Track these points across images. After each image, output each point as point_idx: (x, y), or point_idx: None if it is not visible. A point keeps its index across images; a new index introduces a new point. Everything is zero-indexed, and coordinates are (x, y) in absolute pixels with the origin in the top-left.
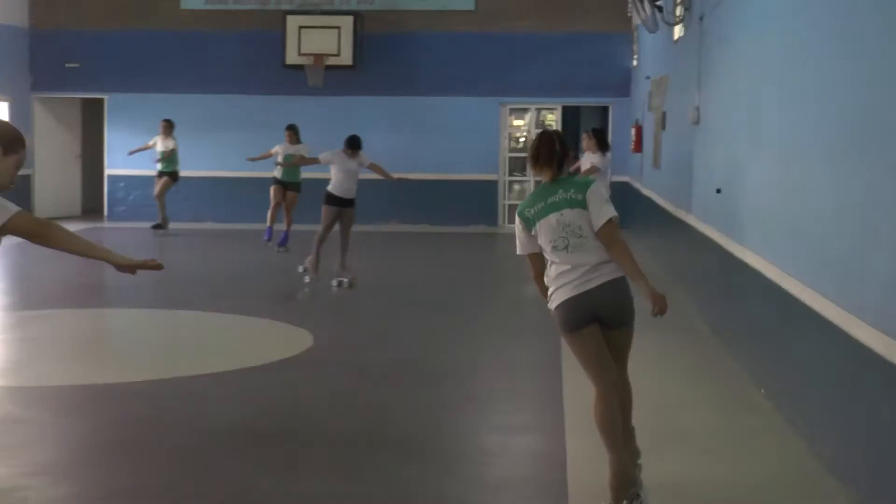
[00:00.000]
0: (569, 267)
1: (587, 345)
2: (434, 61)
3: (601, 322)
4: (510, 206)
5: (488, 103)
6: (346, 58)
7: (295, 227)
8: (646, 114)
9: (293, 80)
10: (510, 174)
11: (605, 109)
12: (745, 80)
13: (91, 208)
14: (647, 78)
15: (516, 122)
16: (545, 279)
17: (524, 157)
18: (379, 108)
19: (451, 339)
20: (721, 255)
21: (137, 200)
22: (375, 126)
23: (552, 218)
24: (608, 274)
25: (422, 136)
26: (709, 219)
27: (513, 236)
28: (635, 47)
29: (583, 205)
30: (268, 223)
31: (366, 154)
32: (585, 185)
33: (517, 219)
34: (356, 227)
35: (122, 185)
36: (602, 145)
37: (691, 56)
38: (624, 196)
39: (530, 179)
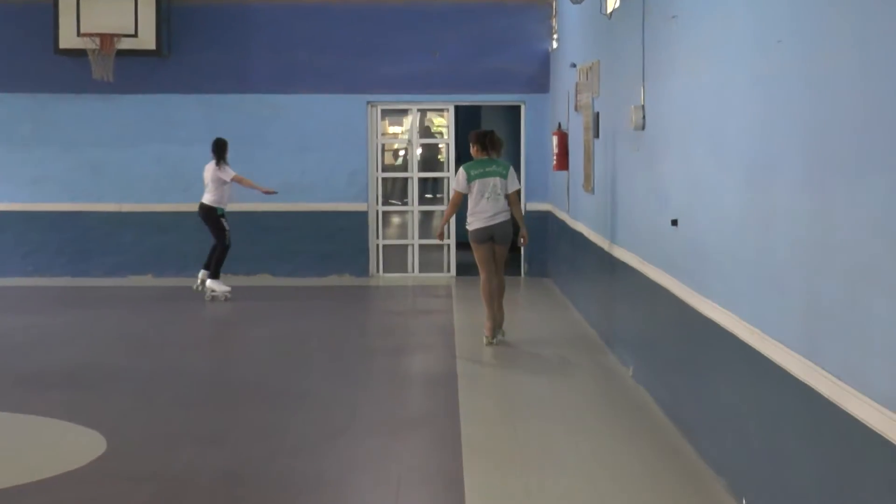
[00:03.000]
0: (486, 208)
1: (485, 251)
2: (274, 45)
3: (493, 241)
4: (386, 248)
5: (351, 102)
6: (146, 40)
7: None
8: (571, 116)
9: (71, 71)
10: (384, 201)
11: (514, 110)
12: (706, 68)
13: None
14: (573, 66)
15: (392, 129)
16: (468, 210)
17: (406, 178)
18: (195, 110)
19: (301, 439)
20: (679, 312)
21: None
22: (191, 136)
23: (487, 180)
24: (502, 216)
25: (258, 151)
26: (661, 260)
27: (391, 289)
28: (554, 23)
29: (504, 176)
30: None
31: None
32: (507, 166)
33: (463, 172)
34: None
35: None
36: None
37: (632, 36)
38: (543, 232)
39: (412, 210)
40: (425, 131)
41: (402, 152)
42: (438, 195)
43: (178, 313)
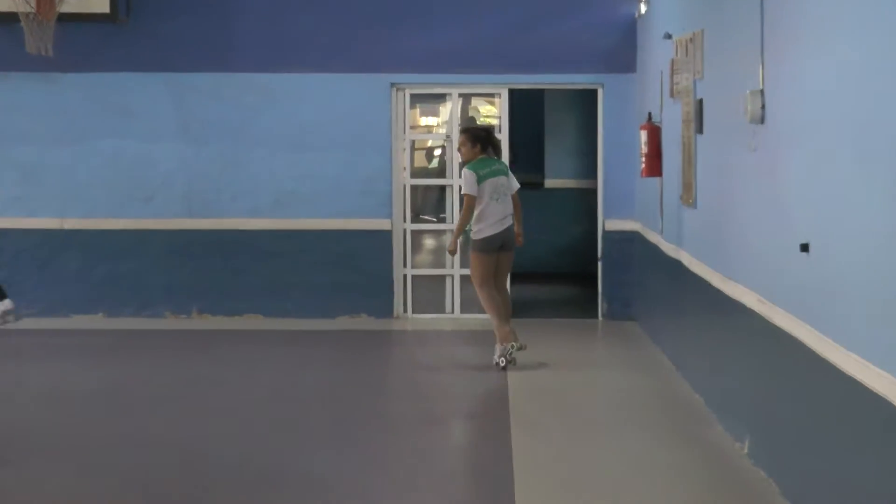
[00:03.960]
0: (496, 211)
1: (490, 264)
2: (267, 8)
3: (501, 249)
4: (416, 280)
5: (370, 85)
6: (98, 1)
7: None
8: (666, 104)
9: None
10: (414, 217)
11: (588, 96)
12: (852, 41)
13: None
14: (667, 37)
15: (424, 121)
16: (475, 216)
17: (442, 186)
18: (161, 95)
19: None
20: (812, 368)
21: None
22: (155, 129)
23: (495, 180)
24: (509, 220)
25: (243, 149)
26: (787, 299)
27: (423, 335)
28: None
29: (507, 174)
30: None
31: None
32: (505, 164)
33: (471, 173)
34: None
35: None
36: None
37: None
38: (627, 260)
39: (451, 229)
40: (469, 123)
41: (437, 151)
42: None
43: (137, 366)
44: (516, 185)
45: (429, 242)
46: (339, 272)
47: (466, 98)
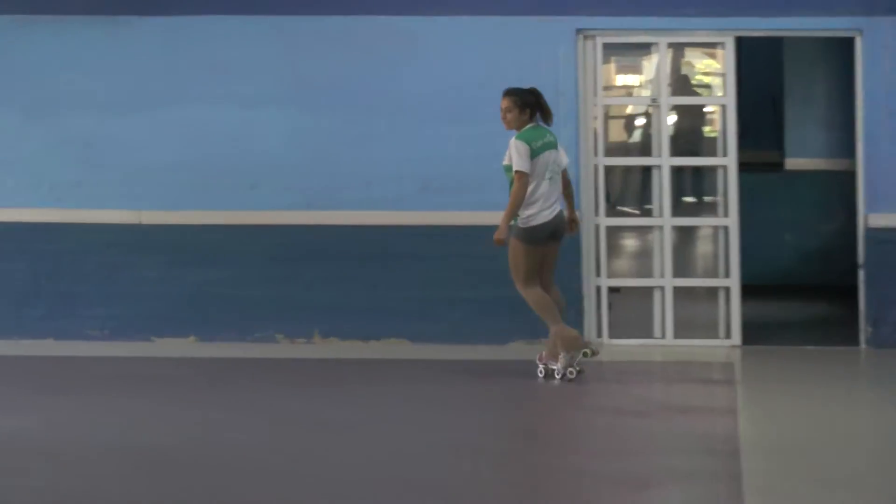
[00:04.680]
0: (549, 192)
1: (538, 257)
2: None
3: (552, 238)
4: (613, 293)
5: (547, 32)
6: None
7: None
8: None
9: None
10: (610, 208)
11: (841, 47)
12: None
13: None
14: None
15: (622, 80)
16: (526, 198)
17: (648, 167)
18: (268, 46)
19: None
20: None
21: None
22: (257, 92)
23: (548, 154)
24: (559, 203)
25: (380, 120)
26: None
27: (623, 369)
28: None
29: (557, 148)
30: None
31: None
32: (555, 136)
33: (525, 145)
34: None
35: None
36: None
37: None
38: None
39: (661, 225)
40: (681, 83)
41: (639, 121)
42: (706, 198)
43: (238, 408)
44: (566, 160)
45: (630, 243)
46: (509, 283)
47: (678, 49)
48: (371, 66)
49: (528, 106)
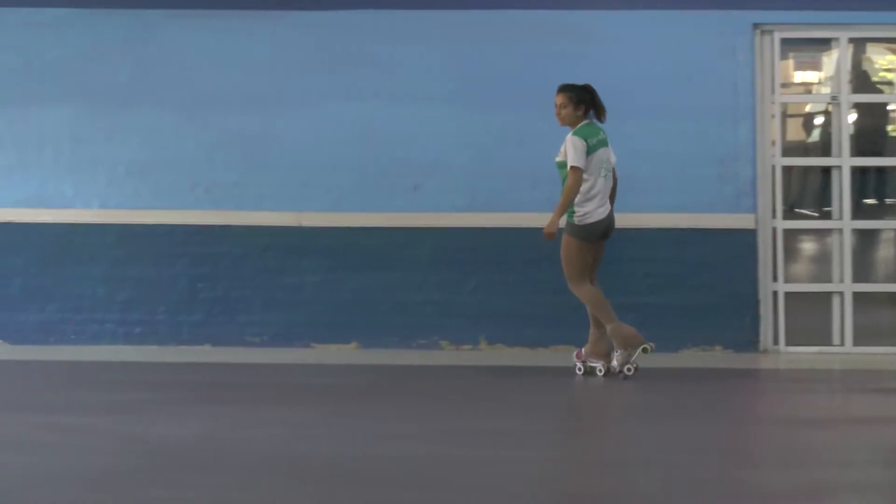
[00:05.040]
0: (603, 190)
1: (589, 255)
2: None
3: (602, 237)
4: (792, 298)
5: (725, 26)
6: None
7: None
8: None
9: None
10: (787, 212)
11: None
12: None
13: None
14: None
15: (800, 77)
16: (579, 196)
17: (828, 168)
18: (431, 42)
19: None
20: None
21: None
22: (420, 89)
23: (602, 152)
24: (609, 202)
25: (545, 118)
26: None
27: (802, 377)
28: None
29: (608, 146)
30: None
31: None
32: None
33: (581, 141)
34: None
35: None
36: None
37: None
38: None
39: (840, 227)
40: (862, 79)
41: (818, 120)
42: (888, 200)
43: (400, 418)
44: (615, 158)
45: (808, 246)
46: (683, 288)
47: (858, 44)
48: (539, 63)
49: (583, 102)
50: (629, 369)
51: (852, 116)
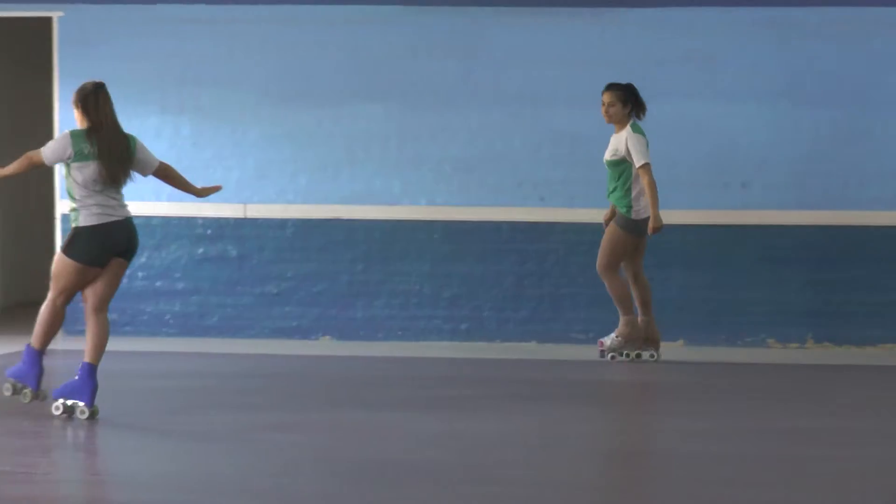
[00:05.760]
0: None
1: (630, 247)
2: None
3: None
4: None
5: None
6: None
7: None
8: None
9: None
10: None
11: None
12: None
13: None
14: None
15: None
16: (633, 192)
17: None
18: (759, 38)
19: None
20: None
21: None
22: (750, 87)
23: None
24: None
25: (870, 116)
26: None
27: None
28: None
29: None
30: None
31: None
32: None
33: (644, 138)
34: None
35: None
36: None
37: None
38: None
39: None
40: None
41: None
42: None
43: (726, 417)
44: None
45: None
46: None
47: None
48: (865, 60)
49: (630, 101)
50: (613, 357)
51: None
